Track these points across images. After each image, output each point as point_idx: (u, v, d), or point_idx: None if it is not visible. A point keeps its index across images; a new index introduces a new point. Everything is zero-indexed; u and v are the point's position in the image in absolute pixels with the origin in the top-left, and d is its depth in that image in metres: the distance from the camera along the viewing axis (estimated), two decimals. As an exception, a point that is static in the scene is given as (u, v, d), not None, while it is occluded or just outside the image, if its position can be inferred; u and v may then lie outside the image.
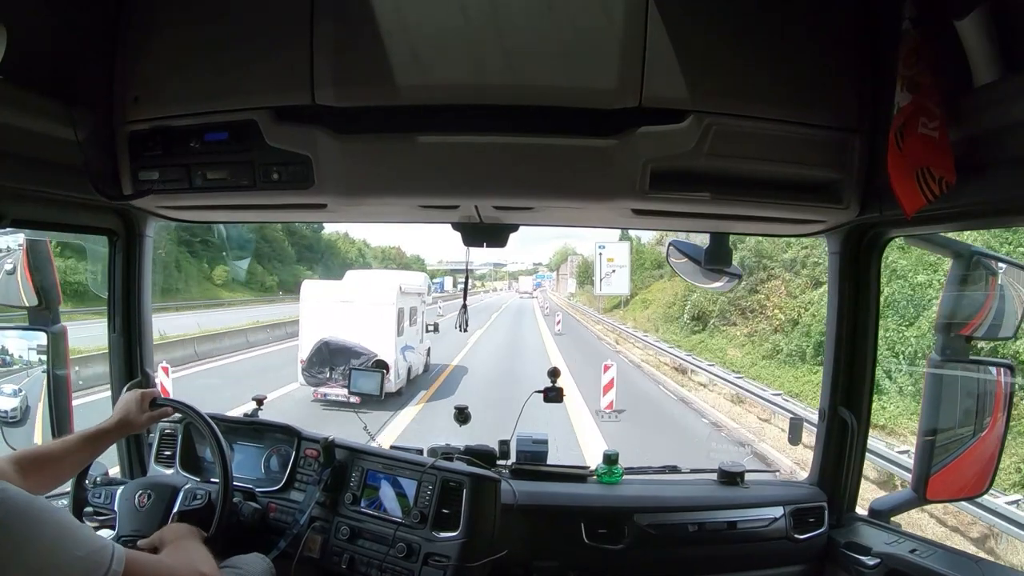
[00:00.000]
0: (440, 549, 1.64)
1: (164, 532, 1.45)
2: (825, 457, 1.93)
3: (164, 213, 1.91)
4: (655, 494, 1.98)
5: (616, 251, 23.49)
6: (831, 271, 1.87)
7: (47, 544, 0.95)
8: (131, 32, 1.52)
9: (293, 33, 1.37)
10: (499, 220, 1.80)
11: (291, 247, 40.45)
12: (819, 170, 1.50)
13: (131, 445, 2.08)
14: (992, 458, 1.72)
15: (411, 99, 1.38)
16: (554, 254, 74.27)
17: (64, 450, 1.40)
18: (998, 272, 1.79)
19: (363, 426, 2.06)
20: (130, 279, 2.01)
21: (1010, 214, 1.34)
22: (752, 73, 1.38)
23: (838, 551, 1.81)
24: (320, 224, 40.27)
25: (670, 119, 1.37)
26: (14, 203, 1.49)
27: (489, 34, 1.32)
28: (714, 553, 1.87)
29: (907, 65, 1.24)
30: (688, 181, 1.46)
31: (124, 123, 1.57)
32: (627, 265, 23.95)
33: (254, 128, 1.47)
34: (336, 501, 1.80)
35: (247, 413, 2.06)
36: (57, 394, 2.00)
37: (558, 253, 66.19)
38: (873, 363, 1.85)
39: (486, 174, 1.46)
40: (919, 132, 1.23)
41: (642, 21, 1.30)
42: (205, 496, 1.60)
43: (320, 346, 10.39)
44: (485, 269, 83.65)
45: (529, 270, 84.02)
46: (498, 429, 2.11)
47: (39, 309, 1.96)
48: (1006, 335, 1.74)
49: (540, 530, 1.83)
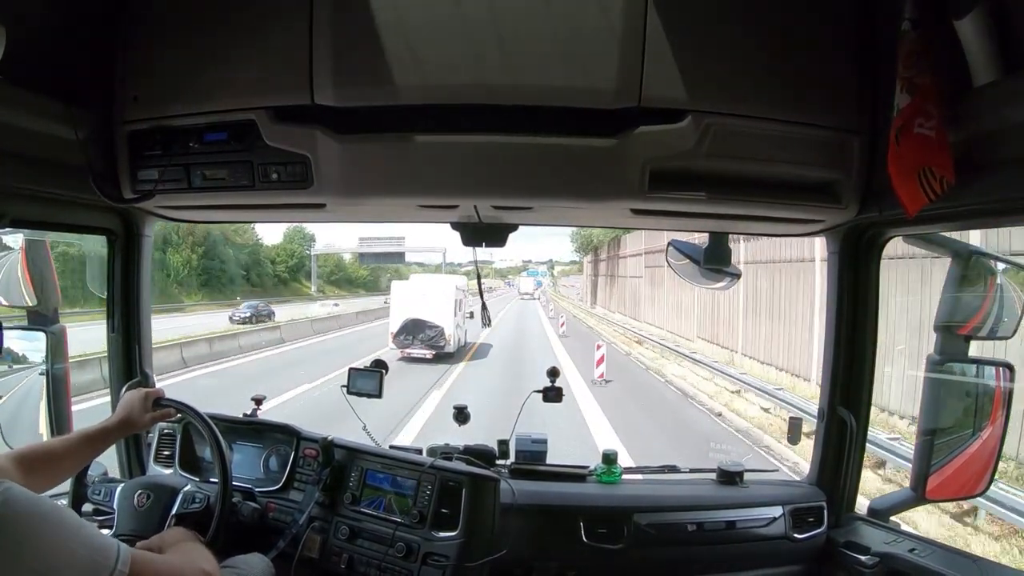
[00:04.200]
0: (439, 549, 1.64)
1: (164, 536, 1.44)
2: (824, 457, 1.93)
3: (163, 213, 1.91)
4: (654, 494, 1.98)
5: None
6: (830, 271, 1.87)
7: (52, 543, 0.95)
8: (131, 31, 1.52)
9: (292, 33, 1.36)
10: (498, 220, 1.80)
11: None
12: (818, 170, 1.50)
13: (130, 445, 2.08)
14: (991, 457, 1.72)
15: (410, 99, 1.37)
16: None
17: (66, 448, 1.39)
18: (997, 272, 1.79)
19: (362, 426, 2.05)
20: (129, 279, 2.01)
21: (1010, 214, 1.34)
22: (751, 73, 1.37)
23: (837, 550, 1.81)
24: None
25: (669, 119, 1.37)
26: (13, 203, 1.49)
27: (488, 33, 1.32)
28: (713, 553, 1.87)
29: (906, 65, 1.24)
30: (687, 181, 1.45)
31: (123, 123, 1.57)
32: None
33: (253, 128, 1.46)
34: (335, 501, 1.80)
35: (246, 413, 2.06)
36: (56, 394, 2.00)
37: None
38: (872, 363, 1.85)
39: (485, 174, 1.46)
40: (918, 132, 1.23)
41: (641, 21, 1.30)
42: (204, 500, 1.60)
43: (406, 322, 15.76)
44: (471, 267, 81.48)
45: (519, 267, 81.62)
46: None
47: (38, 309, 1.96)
48: (1005, 335, 1.74)
49: (539, 530, 1.83)
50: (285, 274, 47.65)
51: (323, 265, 54.07)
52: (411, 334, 15.66)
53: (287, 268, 48.13)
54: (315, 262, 50.85)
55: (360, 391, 1.97)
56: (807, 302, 11.47)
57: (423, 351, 15.63)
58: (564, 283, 73.83)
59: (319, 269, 52.66)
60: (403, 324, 15.71)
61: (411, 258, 54.92)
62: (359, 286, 58.42)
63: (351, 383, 1.98)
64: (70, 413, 2.02)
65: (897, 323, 7.75)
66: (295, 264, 49.31)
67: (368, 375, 1.97)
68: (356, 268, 57.79)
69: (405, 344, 15.64)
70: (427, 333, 15.65)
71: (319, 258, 52.12)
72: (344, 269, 58.34)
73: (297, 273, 49.78)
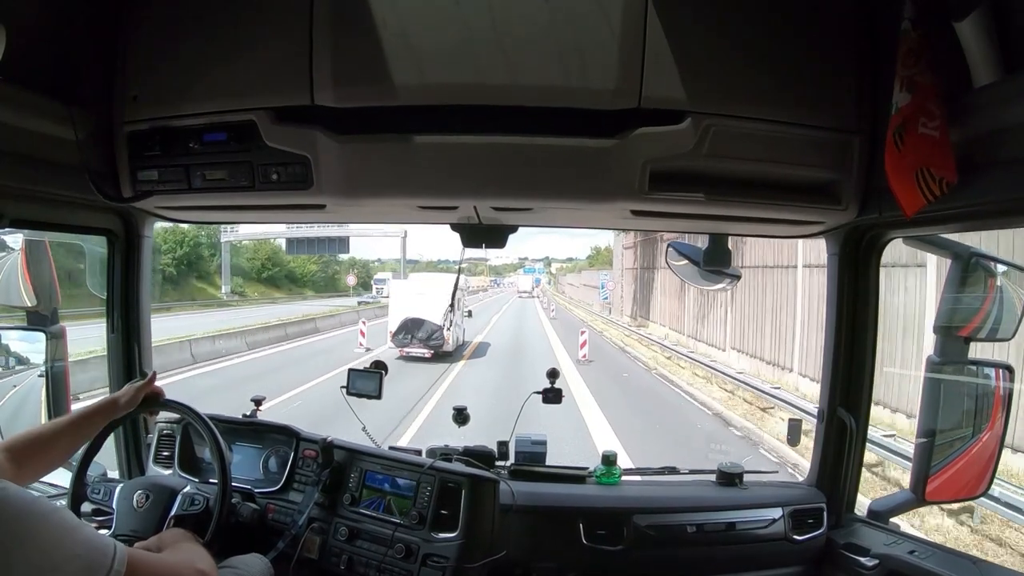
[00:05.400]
0: (439, 550, 1.63)
1: (163, 536, 1.44)
2: (824, 458, 1.93)
3: (163, 213, 1.91)
4: (654, 495, 1.98)
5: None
6: (830, 272, 1.87)
7: (49, 543, 0.95)
8: (131, 32, 1.52)
9: (292, 34, 1.36)
10: (498, 221, 1.80)
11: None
12: (818, 171, 1.50)
13: (129, 445, 2.08)
14: (991, 459, 1.72)
15: (410, 100, 1.37)
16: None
17: (54, 432, 1.39)
18: (997, 273, 1.79)
19: (362, 427, 2.05)
20: (129, 279, 2.01)
21: (1010, 215, 1.34)
22: (751, 74, 1.38)
23: (837, 552, 1.81)
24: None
25: (669, 120, 1.37)
26: (13, 203, 1.49)
27: (488, 34, 1.32)
28: (713, 554, 1.87)
29: (906, 65, 1.24)
30: (687, 182, 1.45)
31: (123, 123, 1.57)
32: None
33: (253, 129, 1.47)
34: (335, 502, 1.80)
35: (246, 414, 2.06)
36: (56, 395, 2.00)
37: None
38: (872, 365, 1.85)
39: (485, 175, 1.46)
40: (919, 132, 1.23)
41: (641, 22, 1.30)
42: (203, 501, 1.60)
43: (405, 321, 15.61)
44: (466, 265, 79.72)
45: (515, 264, 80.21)
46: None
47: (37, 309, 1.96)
48: (1005, 337, 1.74)
49: (539, 531, 1.82)
50: (172, 270, 32.83)
51: (252, 258, 41.33)
52: (409, 333, 15.72)
53: (176, 261, 33.08)
54: (227, 253, 36.03)
55: (360, 392, 1.97)
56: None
57: (421, 350, 15.63)
58: (570, 282, 63.37)
59: (246, 263, 40.11)
60: (402, 323, 15.79)
61: (362, 246, 45.24)
62: (304, 285, 44.80)
63: (351, 384, 1.97)
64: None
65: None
66: (189, 255, 34.36)
67: (367, 376, 1.96)
68: (303, 262, 44.61)
69: (403, 343, 15.72)
70: (426, 332, 15.66)
71: (241, 249, 38.80)
72: (282, 263, 43.49)
73: (194, 268, 35.44)
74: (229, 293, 36.17)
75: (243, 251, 40.62)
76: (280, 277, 43.87)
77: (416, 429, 8.73)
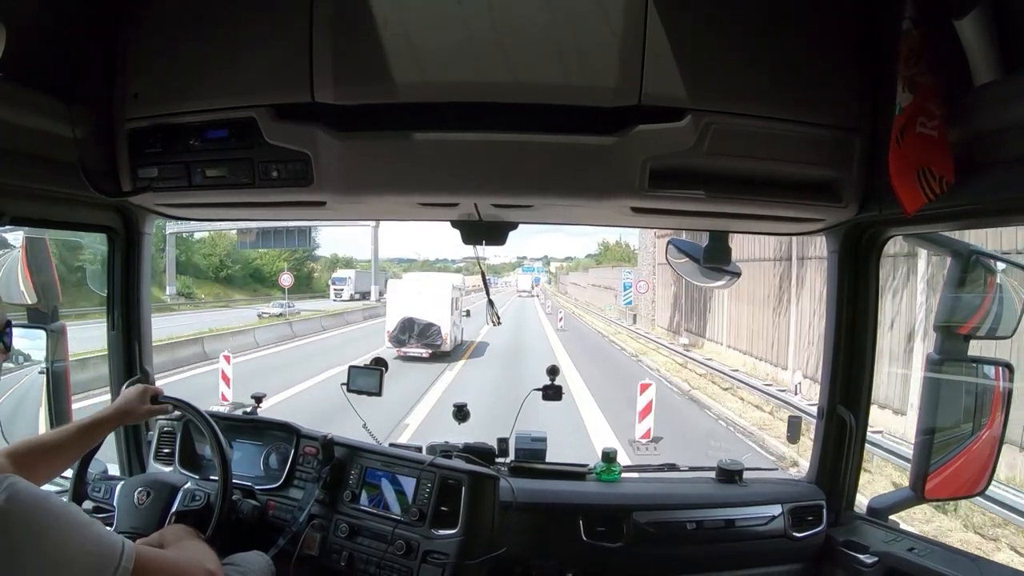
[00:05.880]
0: (439, 547, 1.64)
1: (165, 532, 1.44)
2: (823, 455, 1.93)
3: (163, 211, 1.91)
4: (654, 492, 1.98)
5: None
6: (830, 270, 1.87)
7: (58, 539, 0.95)
8: (130, 29, 1.52)
9: (292, 31, 1.36)
10: (498, 218, 1.80)
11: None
12: (818, 169, 1.50)
13: (130, 443, 2.08)
14: (991, 456, 1.72)
15: (410, 97, 1.37)
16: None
17: (60, 440, 1.39)
18: (996, 271, 1.79)
19: (363, 423, 2.05)
20: (129, 277, 2.01)
21: (1010, 214, 1.34)
22: (751, 72, 1.37)
23: (836, 549, 1.82)
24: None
25: (669, 117, 1.37)
26: (13, 200, 1.49)
27: (488, 32, 1.32)
28: (713, 551, 1.87)
29: (907, 65, 1.24)
30: (687, 179, 1.46)
31: (123, 120, 1.57)
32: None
33: (253, 126, 1.46)
34: (335, 499, 1.81)
35: (246, 411, 2.07)
36: (56, 392, 2.00)
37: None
38: (872, 362, 1.85)
39: (486, 172, 1.46)
40: (919, 131, 1.24)
41: (642, 19, 1.30)
42: (204, 497, 1.60)
43: (403, 321, 15.81)
44: (464, 264, 78.81)
45: (513, 263, 79.67)
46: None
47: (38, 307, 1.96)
48: (1004, 334, 1.74)
49: (539, 528, 1.83)
50: (98, 266, 18.38)
51: (208, 255, 36.07)
52: (408, 333, 15.88)
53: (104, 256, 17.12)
54: (172, 248, 30.07)
55: (360, 389, 1.97)
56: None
57: (420, 350, 15.77)
58: (574, 281, 59.21)
59: (202, 260, 34.55)
60: (400, 323, 15.92)
61: (331, 241, 39.80)
62: (274, 285, 35.51)
63: (351, 381, 1.98)
64: (70, 411, 2.03)
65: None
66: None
67: (368, 373, 1.97)
68: (272, 259, 38.44)
69: (401, 343, 15.89)
70: (424, 332, 15.91)
71: (193, 244, 33.47)
72: (244, 260, 37.84)
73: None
74: (175, 295, 30.67)
75: (197, 246, 35.42)
76: (242, 276, 38.39)
77: (414, 430, 8.75)
